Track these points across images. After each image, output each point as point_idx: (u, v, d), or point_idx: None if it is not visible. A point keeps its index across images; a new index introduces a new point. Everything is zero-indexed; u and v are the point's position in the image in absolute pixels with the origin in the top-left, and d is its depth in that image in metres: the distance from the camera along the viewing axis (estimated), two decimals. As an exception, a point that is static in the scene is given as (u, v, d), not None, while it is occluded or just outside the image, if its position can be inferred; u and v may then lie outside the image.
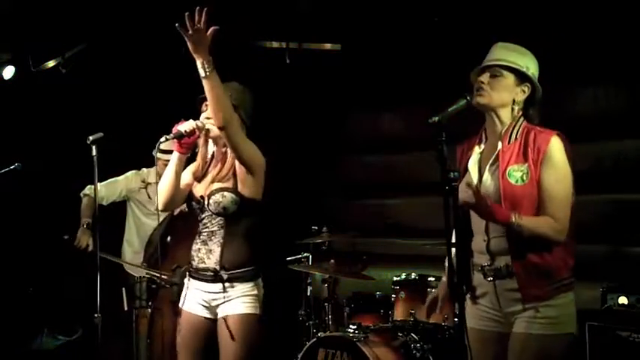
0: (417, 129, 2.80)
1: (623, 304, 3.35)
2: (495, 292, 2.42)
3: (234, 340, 2.72)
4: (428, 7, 4.28)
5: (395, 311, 3.90)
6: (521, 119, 2.47)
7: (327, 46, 5.03)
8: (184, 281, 2.95)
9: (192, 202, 2.88)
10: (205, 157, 2.92)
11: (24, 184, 4.33)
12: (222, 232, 2.78)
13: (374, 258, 4.43)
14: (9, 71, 4.74)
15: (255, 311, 2.78)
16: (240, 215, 2.78)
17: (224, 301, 2.78)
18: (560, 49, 3.89)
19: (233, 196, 2.75)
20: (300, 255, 4.33)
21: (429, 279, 3.86)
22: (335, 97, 5.31)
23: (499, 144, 2.44)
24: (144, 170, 4.33)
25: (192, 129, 2.73)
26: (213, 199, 2.76)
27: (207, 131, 2.77)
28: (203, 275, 2.81)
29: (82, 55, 4.76)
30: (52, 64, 4.82)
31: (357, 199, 5.42)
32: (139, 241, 4.27)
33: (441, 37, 4.40)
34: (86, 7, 4.22)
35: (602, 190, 4.02)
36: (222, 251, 2.77)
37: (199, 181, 2.89)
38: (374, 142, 5.32)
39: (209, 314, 2.84)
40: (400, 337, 3.65)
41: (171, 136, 2.71)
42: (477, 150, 2.54)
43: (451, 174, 2.10)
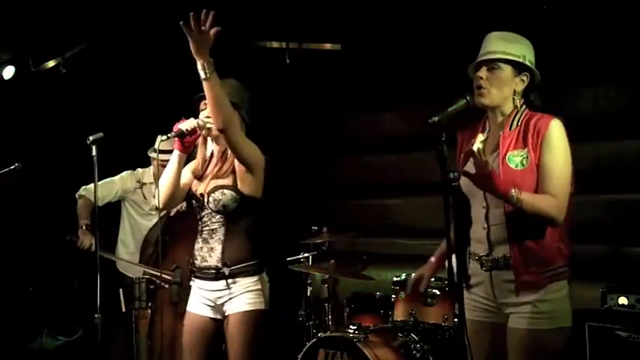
0: (417, 129, 2.79)
1: (623, 304, 3.34)
2: (491, 283, 2.43)
3: (239, 339, 2.72)
4: (428, 7, 4.28)
5: (395, 311, 3.90)
6: (523, 107, 2.48)
7: (327, 46, 5.02)
8: (190, 283, 2.94)
9: (191, 200, 2.88)
10: (205, 155, 2.93)
11: (24, 184, 4.32)
12: (222, 230, 2.78)
13: (374, 258, 4.43)
14: (9, 71, 4.73)
15: (260, 307, 2.77)
16: (240, 213, 2.78)
17: (228, 299, 2.77)
18: (560, 49, 3.89)
19: (233, 194, 2.75)
20: (300, 255, 4.33)
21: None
22: (335, 97, 5.31)
23: (500, 132, 2.46)
24: (139, 170, 4.32)
25: (194, 127, 2.73)
26: (212, 196, 2.76)
27: (209, 130, 2.77)
28: (206, 274, 2.82)
29: (82, 55, 4.75)
30: (52, 64, 4.81)
31: (357, 199, 5.41)
32: (133, 242, 4.25)
33: (441, 37, 4.40)
34: (86, 7, 4.21)
35: (601, 190, 4.02)
36: (223, 248, 2.77)
37: (199, 180, 2.89)
38: (374, 142, 5.31)
39: (214, 314, 2.84)
40: (400, 338, 3.65)
41: (173, 135, 2.71)
42: (480, 137, 2.54)
43: (451, 174, 2.11)
